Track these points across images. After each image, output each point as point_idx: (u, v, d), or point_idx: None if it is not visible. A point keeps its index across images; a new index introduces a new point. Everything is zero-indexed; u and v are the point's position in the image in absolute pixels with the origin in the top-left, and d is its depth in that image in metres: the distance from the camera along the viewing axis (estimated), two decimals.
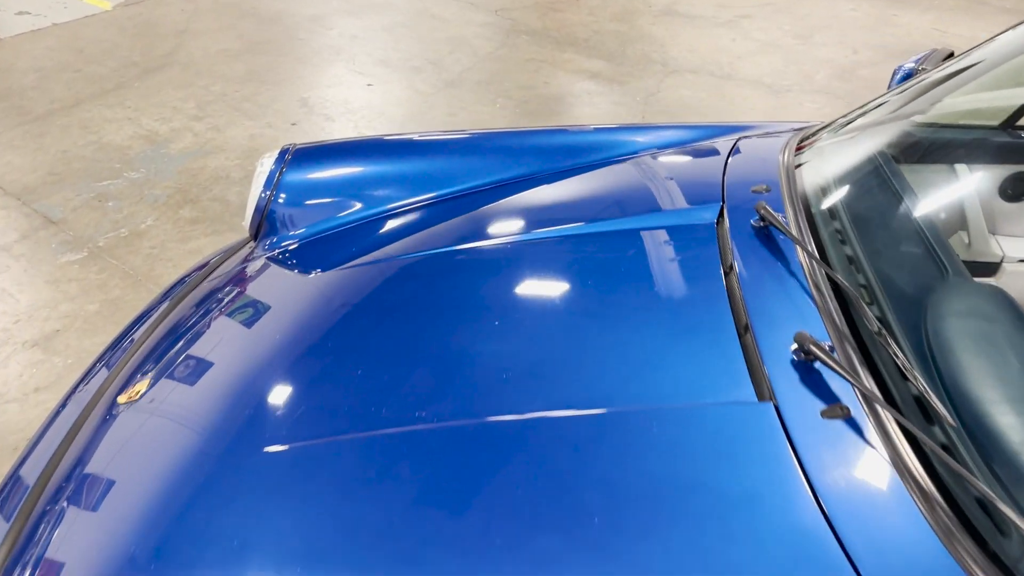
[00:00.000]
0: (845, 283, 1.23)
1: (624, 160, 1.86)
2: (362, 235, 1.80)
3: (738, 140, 1.83)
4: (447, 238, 1.68)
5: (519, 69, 4.55)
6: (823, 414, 1.08)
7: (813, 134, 1.76)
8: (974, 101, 1.81)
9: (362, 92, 4.29)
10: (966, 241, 1.91)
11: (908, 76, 1.92)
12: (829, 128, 1.77)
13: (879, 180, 1.58)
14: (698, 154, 1.84)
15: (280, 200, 1.91)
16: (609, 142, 1.94)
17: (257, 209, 1.92)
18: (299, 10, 5.39)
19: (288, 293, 1.68)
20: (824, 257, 1.34)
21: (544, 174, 1.87)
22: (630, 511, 1.04)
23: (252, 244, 1.93)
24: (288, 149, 1.96)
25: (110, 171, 3.55)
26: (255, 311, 1.65)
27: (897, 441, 1.03)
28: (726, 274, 1.38)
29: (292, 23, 5.19)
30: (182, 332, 1.65)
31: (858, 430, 1.06)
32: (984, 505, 0.96)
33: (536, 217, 1.70)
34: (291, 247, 1.84)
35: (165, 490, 1.21)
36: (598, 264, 1.50)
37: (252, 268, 1.81)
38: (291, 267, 1.77)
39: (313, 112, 4.07)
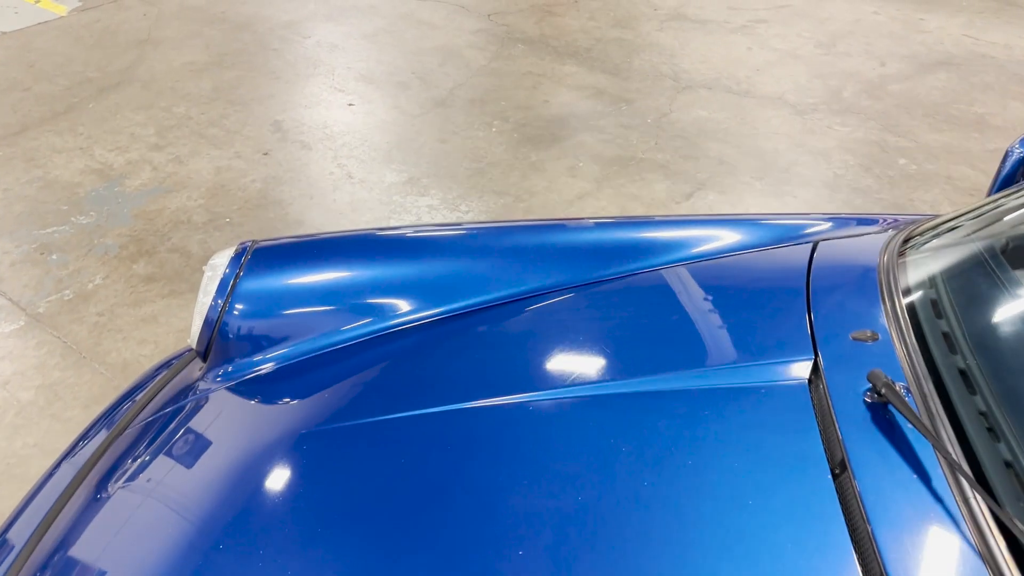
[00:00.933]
0: (1000, 510, 0.85)
1: (670, 271, 1.46)
2: (340, 370, 1.41)
3: (816, 245, 1.43)
4: (448, 388, 1.28)
5: (515, 85, 4.13)
6: None
7: (918, 234, 1.37)
8: None
9: (342, 113, 3.87)
10: None
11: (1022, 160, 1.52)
12: (937, 230, 1.37)
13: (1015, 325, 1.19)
14: (767, 267, 1.44)
15: (236, 312, 1.51)
16: (648, 242, 1.53)
17: (207, 323, 1.51)
18: (272, 15, 4.94)
19: (251, 447, 1.30)
20: (969, 455, 0.96)
21: (573, 286, 1.46)
22: None
23: (202, 366, 1.53)
24: (247, 247, 1.56)
25: (56, 214, 3.12)
26: (211, 464, 1.27)
27: None
28: (835, 476, 1.00)
29: (264, 30, 4.74)
30: (113, 487, 1.28)
31: None
32: None
33: (562, 363, 1.30)
34: (250, 377, 1.44)
35: None
36: (671, 438, 1.11)
37: (203, 401, 1.42)
38: (250, 410, 1.39)
39: (287, 138, 3.65)
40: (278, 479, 1.19)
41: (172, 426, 1.39)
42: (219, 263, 1.56)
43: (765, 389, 1.15)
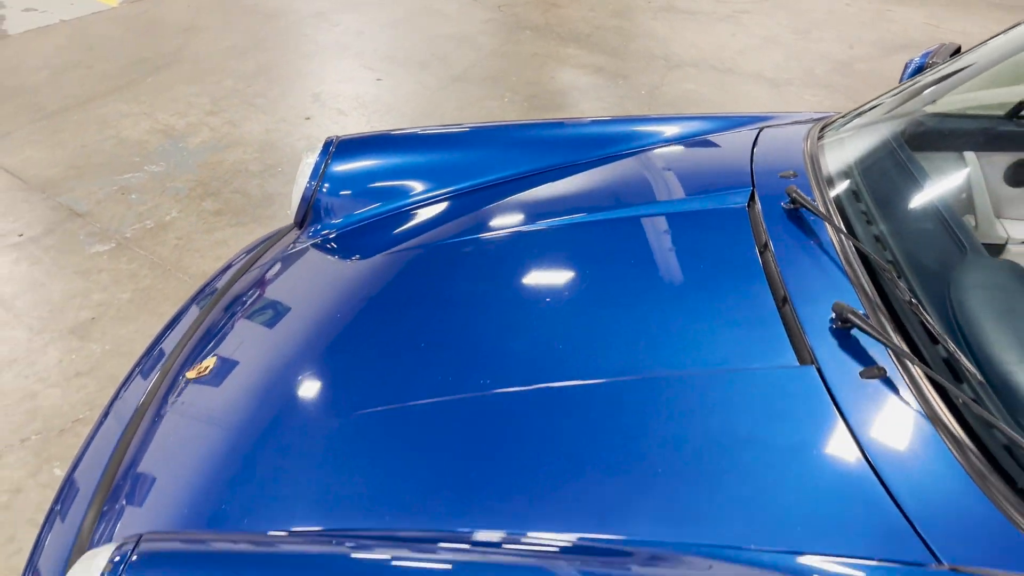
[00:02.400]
0: (877, 257, 1.34)
1: (650, 149, 1.97)
2: (401, 222, 1.90)
3: (760, 130, 1.94)
4: (484, 224, 1.78)
5: (524, 64, 4.65)
6: (862, 375, 1.19)
7: (832, 123, 1.87)
8: (981, 95, 1.93)
9: (372, 87, 4.38)
10: (973, 224, 2.02)
11: (919, 69, 2.03)
12: (847, 118, 1.88)
13: (896, 165, 1.69)
14: (723, 143, 1.94)
15: (324, 190, 1.99)
16: (633, 132, 2.04)
17: (303, 199, 2.00)
18: (301, 7, 5.47)
19: (333, 276, 1.78)
20: (853, 235, 1.45)
21: (575, 163, 1.97)
22: (687, 462, 1.15)
23: (297, 232, 2.02)
24: (332, 141, 2.05)
25: (130, 165, 3.62)
26: (303, 293, 1.75)
27: (930, 396, 1.14)
28: (761, 252, 1.49)
29: (296, 19, 5.26)
30: (238, 312, 1.74)
31: (894, 388, 1.16)
32: (1011, 449, 1.07)
33: (571, 203, 1.80)
34: (335, 235, 1.92)
35: (231, 451, 1.32)
36: (638, 247, 1.60)
37: (299, 253, 1.90)
38: (335, 253, 1.86)
39: (325, 106, 4.16)
40: (363, 288, 1.68)
41: (277, 269, 1.88)
42: (312, 155, 2.05)
43: (717, 210, 1.65)
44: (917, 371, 1.17)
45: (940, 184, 1.79)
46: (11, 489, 2.17)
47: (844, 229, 1.45)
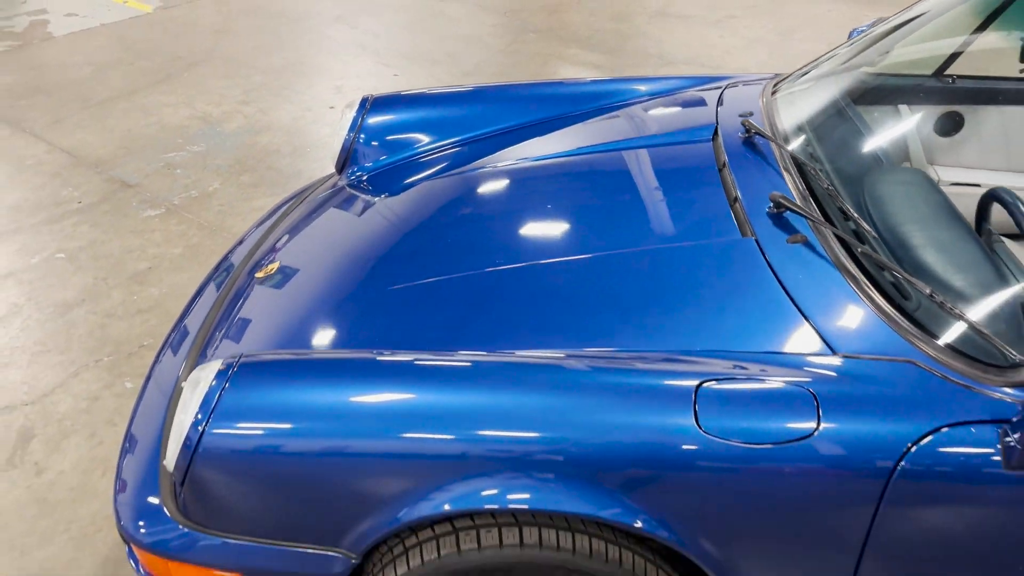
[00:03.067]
0: (805, 161, 1.72)
1: (634, 101, 2.35)
2: (424, 163, 2.28)
3: (727, 85, 2.32)
4: (493, 160, 2.16)
5: (529, 61, 5.05)
6: (788, 240, 1.57)
7: (786, 78, 2.25)
8: (911, 52, 2.30)
9: (389, 81, 4.78)
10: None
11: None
12: (797, 74, 2.26)
13: (835, 110, 2.07)
14: (695, 95, 2.32)
15: (361, 140, 2.37)
16: (620, 89, 2.43)
17: (343, 148, 2.38)
18: (324, 11, 5.89)
19: (368, 206, 2.15)
20: (792, 155, 1.83)
21: (572, 114, 2.35)
22: (657, 300, 1.52)
23: (337, 177, 2.40)
24: (367, 99, 2.43)
25: (174, 145, 4.02)
26: (345, 217, 2.13)
27: (836, 249, 1.51)
28: (720, 170, 1.87)
29: (318, 22, 5.68)
30: (294, 230, 2.13)
31: (810, 247, 1.54)
32: (897, 286, 1.44)
33: (567, 142, 2.18)
34: (367, 176, 2.30)
35: (304, 309, 1.71)
36: (620, 169, 1.99)
37: (340, 191, 2.27)
38: (369, 191, 2.24)
39: (347, 97, 4.55)
40: (387, 215, 2.05)
41: (324, 200, 2.25)
42: (349, 111, 2.42)
43: (687, 143, 2.03)
44: (828, 233, 1.54)
45: (874, 128, 2.16)
46: (90, 398, 2.54)
47: (784, 144, 1.83)
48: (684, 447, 1.26)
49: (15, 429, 2.42)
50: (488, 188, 2.05)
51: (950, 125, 2.37)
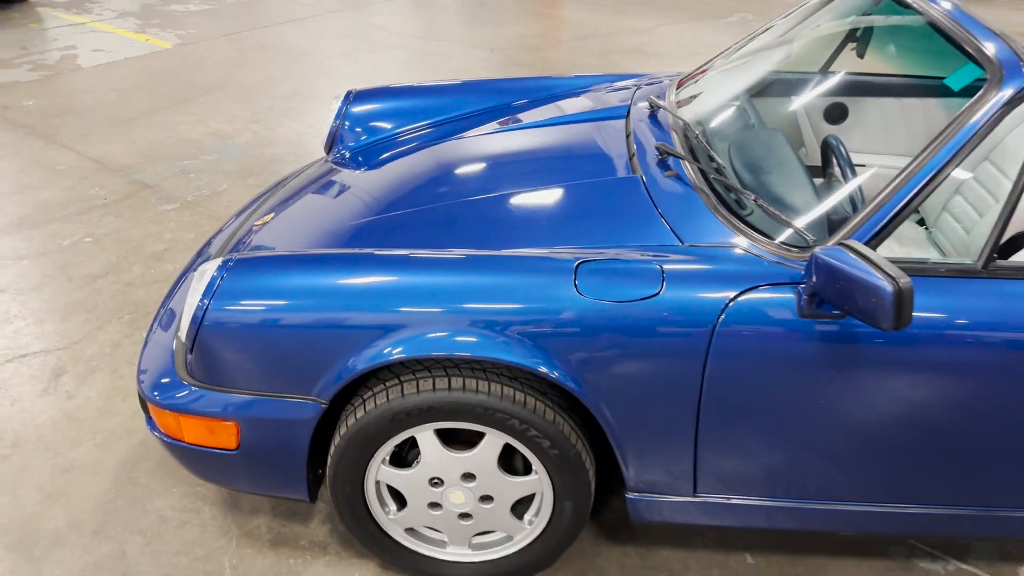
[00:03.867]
0: (685, 120, 2.19)
1: (572, 92, 2.84)
2: (397, 142, 2.75)
3: (646, 80, 2.80)
4: (456, 133, 2.64)
5: None
6: (665, 176, 2.02)
7: (691, 74, 2.73)
8: (799, 49, 2.78)
9: None
10: (805, 154, 2.86)
11: None
12: (700, 70, 2.74)
13: (727, 96, 2.54)
14: (620, 85, 2.80)
15: (346, 126, 2.85)
16: (565, 83, 2.92)
17: (330, 133, 2.86)
18: (329, 49, 6.46)
19: (352, 174, 2.61)
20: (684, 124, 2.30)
21: (526, 102, 2.83)
22: (562, 219, 1.97)
23: (326, 157, 2.87)
24: (351, 92, 2.92)
25: (189, 155, 4.52)
26: (334, 178, 2.58)
27: (698, 180, 1.96)
28: (627, 137, 2.34)
29: (324, 58, 6.24)
30: (287, 193, 2.59)
31: (679, 178, 1.99)
32: (738, 200, 1.89)
33: (517, 121, 2.66)
34: (353, 153, 2.77)
35: (304, 236, 2.16)
36: (552, 136, 2.45)
37: (327, 165, 2.74)
38: (352, 164, 2.70)
39: None
40: (369, 178, 2.51)
41: (314, 172, 2.70)
42: (335, 102, 2.91)
43: (608, 119, 2.50)
44: (691, 167, 2.00)
45: (765, 113, 2.63)
46: (112, 344, 2.98)
47: (676, 111, 2.30)
48: (568, 306, 1.69)
49: (49, 367, 2.87)
50: (451, 152, 2.51)
51: (837, 114, 2.84)
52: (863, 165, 2.85)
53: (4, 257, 3.53)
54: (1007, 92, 1.64)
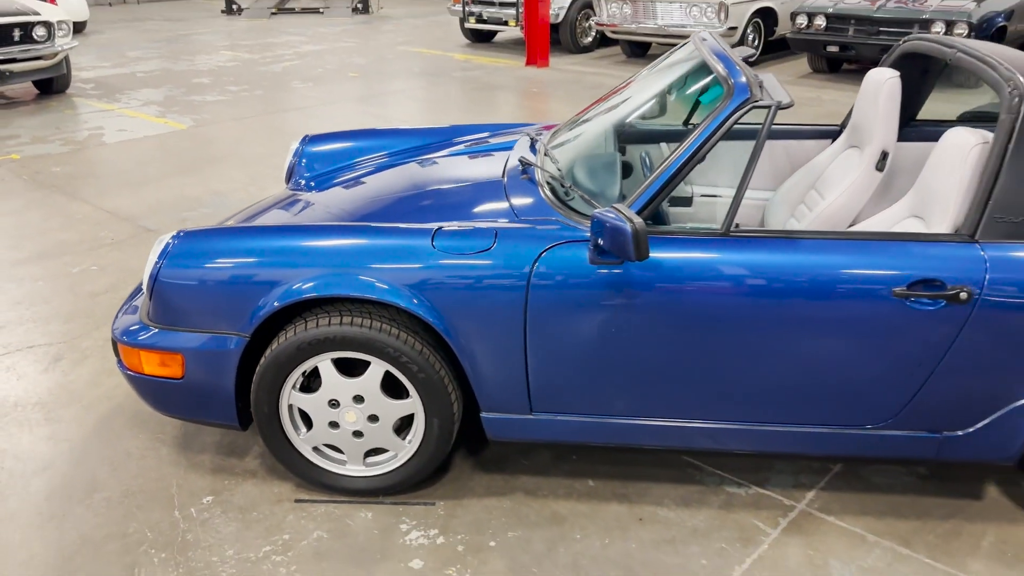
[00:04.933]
0: (547, 146, 2.85)
1: (479, 135, 3.51)
2: (342, 172, 3.42)
3: (537, 126, 3.48)
4: (391, 164, 3.31)
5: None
6: (521, 178, 2.67)
7: (567, 121, 3.39)
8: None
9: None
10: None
11: None
12: (572, 120, 3.41)
13: (588, 136, 3.19)
14: (514, 131, 3.48)
15: (303, 164, 3.54)
16: (478, 127, 3.60)
17: (289, 168, 3.54)
18: (329, 128, 7.27)
19: (308, 194, 3.26)
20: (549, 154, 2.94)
21: (447, 140, 3.51)
22: (444, 205, 2.61)
23: (286, 186, 3.54)
24: (307, 136, 3.61)
25: (189, 208, 5.24)
26: (291, 196, 3.23)
27: (542, 181, 2.60)
28: (507, 160, 2.99)
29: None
30: (255, 211, 3.24)
31: (532, 180, 2.63)
32: (566, 192, 2.51)
33: (443, 148, 3.32)
34: (304, 183, 3.44)
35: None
36: (464, 158, 3.11)
37: (289, 194, 3.40)
38: (307, 189, 3.37)
39: None
40: (317, 199, 3.17)
41: (274, 199, 3.37)
42: (295, 143, 3.61)
43: (498, 150, 3.16)
44: (538, 172, 2.64)
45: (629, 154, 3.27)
46: (105, 340, 3.59)
47: (543, 143, 2.96)
48: (426, 258, 2.31)
49: (51, 355, 3.48)
50: (384, 175, 3.16)
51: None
52: (715, 196, 3.47)
53: (23, 279, 4.20)
54: (736, 103, 2.28)
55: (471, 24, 11.29)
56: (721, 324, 2.26)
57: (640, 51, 10.66)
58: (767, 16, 9.48)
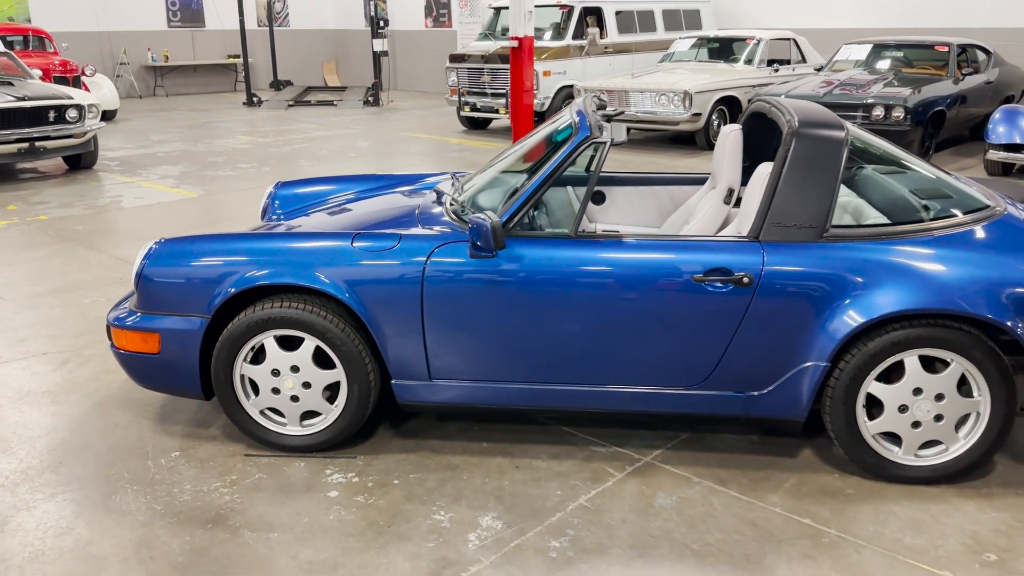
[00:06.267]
0: (458, 177, 3.60)
1: (414, 179, 4.27)
2: (306, 210, 4.18)
3: (447, 174, 4.23)
4: (349, 201, 4.06)
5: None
6: (432, 203, 3.40)
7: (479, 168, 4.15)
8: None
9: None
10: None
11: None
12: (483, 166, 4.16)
13: (492, 170, 3.93)
14: (437, 179, 4.23)
15: (275, 204, 4.31)
16: (415, 176, 4.37)
17: (264, 207, 4.31)
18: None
19: (279, 223, 4.02)
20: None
21: (392, 183, 4.27)
22: (379, 220, 3.34)
23: (261, 222, 4.30)
24: (279, 182, 4.40)
25: None
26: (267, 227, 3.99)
27: (447, 205, 3.33)
28: (429, 194, 3.73)
29: None
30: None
31: (440, 204, 3.37)
32: (463, 213, 3.24)
33: (383, 189, 4.07)
34: (277, 216, 4.20)
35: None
36: (399, 192, 3.85)
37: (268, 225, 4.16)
38: (278, 220, 4.12)
39: None
40: (290, 223, 3.93)
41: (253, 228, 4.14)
42: (270, 187, 4.39)
43: (425, 188, 3.91)
44: (447, 197, 3.37)
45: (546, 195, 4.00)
46: (106, 348, 4.30)
47: (460, 180, 3.70)
48: (346, 255, 3.02)
49: (60, 359, 4.19)
50: (340, 206, 3.91)
51: (599, 198, 4.21)
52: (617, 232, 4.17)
53: (42, 306, 4.95)
54: (579, 139, 3.01)
55: (466, 112, 12.27)
56: (568, 304, 2.93)
57: None
58: (731, 103, 10.37)
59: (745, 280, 2.82)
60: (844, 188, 3.46)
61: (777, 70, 11.06)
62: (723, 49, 11.50)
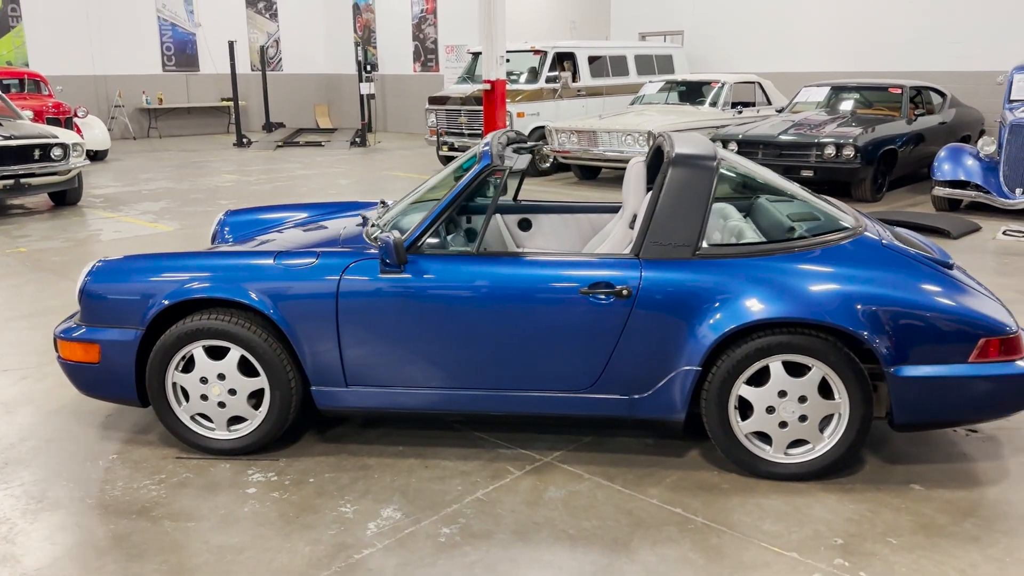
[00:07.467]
0: (388, 203, 3.91)
1: (357, 206, 4.59)
2: (257, 234, 4.49)
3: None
4: (318, 219, 4.38)
5: None
6: (356, 226, 3.71)
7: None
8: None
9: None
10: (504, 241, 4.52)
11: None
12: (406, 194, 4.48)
13: (410, 199, 4.24)
14: (370, 207, 4.55)
15: (225, 230, 4.62)
16: (357, 204, 4.68)
17: (213, 232, 4.63)
18: None
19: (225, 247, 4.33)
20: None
21: (341, 209, 4.58)
22: (318, 242, 3.65)
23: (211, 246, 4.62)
24: (228, 210, 4.71)
25: None
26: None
27: (369, 225, 3.64)
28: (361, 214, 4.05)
29: None
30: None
31: (364, 226, 3.68)
32: (383, 232, 3.55)
33: (333, 214, 4.39)
34: (226, 243, 4.51)
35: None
36: (341, 217, 4.16)
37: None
38: (227, 243, 4.43)
39: None
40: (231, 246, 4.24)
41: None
42: (220, 215, 4.71)
43: (362, 209, 4.23)
44: (369, 221, 3.68)
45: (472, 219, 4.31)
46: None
47: (386, 203, 4.01)
48: (268, 272, 3.32)
49: (20, 375, 4.46)
50: (282, 229, 4.22)
51: (525, 225, 4.53)
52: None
53: (12, 329, 5.24)
54: (481, 166, 3.32)
55: (444, 151, 12.68)
56: (469, 315, 3.22)
57: (591, 174, 11.93)
58: None
59: (624, 292, 3.11)
60: (737, 213, 3.78)
61: (741, 111, 11.47)
62: (691, 92, 11.93)
